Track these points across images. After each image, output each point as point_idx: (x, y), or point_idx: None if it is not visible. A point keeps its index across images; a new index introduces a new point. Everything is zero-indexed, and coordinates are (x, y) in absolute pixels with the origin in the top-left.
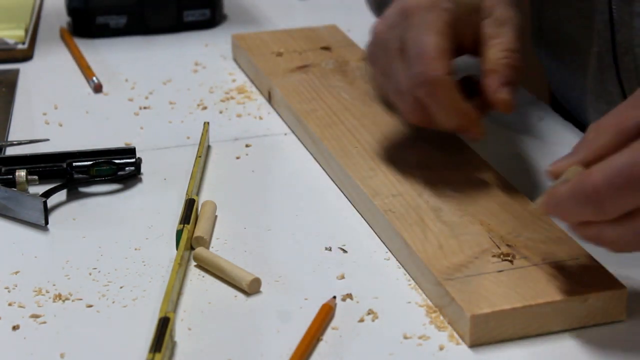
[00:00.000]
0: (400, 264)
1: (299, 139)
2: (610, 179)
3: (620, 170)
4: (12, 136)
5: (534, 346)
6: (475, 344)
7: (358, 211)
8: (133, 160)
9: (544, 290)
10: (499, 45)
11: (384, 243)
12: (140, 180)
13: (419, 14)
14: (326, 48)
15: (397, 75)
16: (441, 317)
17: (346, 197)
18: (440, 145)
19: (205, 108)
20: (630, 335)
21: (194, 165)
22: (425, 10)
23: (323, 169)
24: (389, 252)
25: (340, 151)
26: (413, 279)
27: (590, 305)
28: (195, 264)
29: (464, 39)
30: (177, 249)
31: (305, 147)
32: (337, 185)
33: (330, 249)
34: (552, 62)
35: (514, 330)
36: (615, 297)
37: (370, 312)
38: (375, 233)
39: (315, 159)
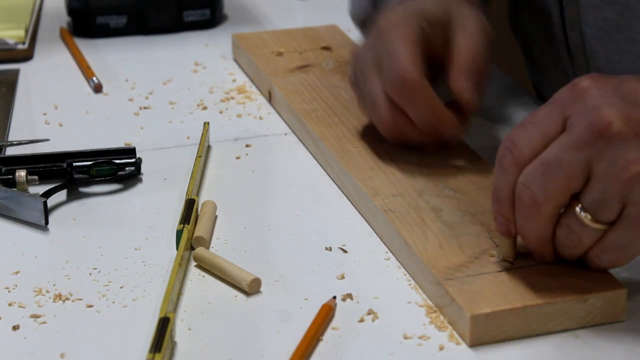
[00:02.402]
0: (401, 264)
1: (299, 139)
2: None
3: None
4: (12, 136)
5: (534, 346)
6: (475, 343)
7: (358, 211)
8: (133, 160)
9: (543, 290)
10: (465, 50)
11: (384, 243)
12: (140, 180)
13: (389, 31)
14: (326, 48)
15: (373, 86)
16: (441, 317)
17: (346, 197)
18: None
19: (205, 108)
20: (630, 336)
21: (194, 165)
22: (395, 27)
23: (323, 169)
24: (389, 252)
25: (341, 151)
26: (413, 279)
27: (590, 306)
28: (195, 264)
29: (436, 50)
30: (177, 249)
31: (305, 147)
32: (337, 185)
33: (330, 249)
34: (525, 38)
35: (514, 331)
36: (615, 297)
37: (370, 312)
38: (376, 233)
39: (315, 159)
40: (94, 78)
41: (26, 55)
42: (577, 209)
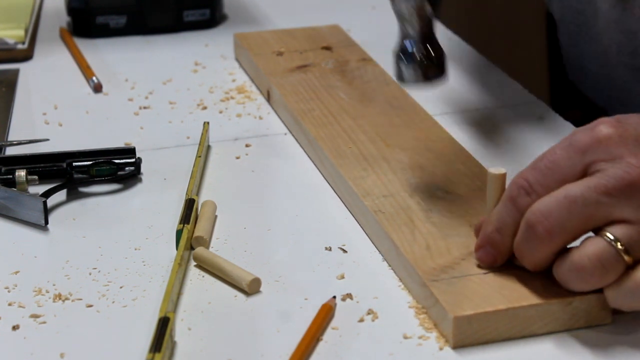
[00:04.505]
0: (390, 265)
1: (295, 139)
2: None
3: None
4: (12, 136)
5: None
6: (458, 345)
7: (350, 211)
8: (133, 160)
9: (528, 292)
10: None
11: (373, 244)
12: (140, 180)
13: None
14: (327, 48)
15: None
16: (429, 318)
17: (339, 198)
18: (434, 146)
19: (205, 108)
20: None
21: (194, 165)
22: None
23: (318, 169)
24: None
25: (334, 151)
26: (401, 280)
27: (574, 309)
28: (195, 264)
29: None
30: (177, 249)
31: (301, 147)
32: (331, 186)
33: (330, 249)
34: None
35: (498, 333)
36: (600, 301)
37: (370, 312)
38: (366, 234)
39: (310, 159)
40: (94, 78)
41: (26, 55)
42: (610, 236)
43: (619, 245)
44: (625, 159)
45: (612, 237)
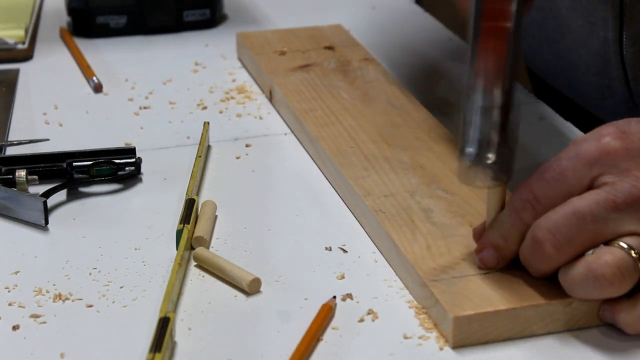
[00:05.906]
0: (390, 265)
1: (297, 138)
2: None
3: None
4: (12, 136)
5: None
6: (458, 345)
7: (351, 211)
8: (133, 160)
9: (528, 293)
10: None
11: (374, 244)
12: (140, 180)
13: None
14: (330, 47)
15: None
16: (429, 318)
17: (340, 197)
18: (435, 146)
19: (205, 108)
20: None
21: (194, 165)
22: None
23: (319, 169)
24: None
25: (336, 151)
26: (401, 280)
27: (574, 309)
28: (195, 264)
29: None
30: (177, 249)
31: (303, 146)
32: (332, 185)
33: (330, 249)
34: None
35: (498, 333)
36: (601, 301)
37: (370, 312)
38: (367, 233)
39: (312, 158)
40: (94, 78)
41: (26, 55)
42: (624, 245)
43: (633, 254)
44: (633, 173)
45: (627, 246)
